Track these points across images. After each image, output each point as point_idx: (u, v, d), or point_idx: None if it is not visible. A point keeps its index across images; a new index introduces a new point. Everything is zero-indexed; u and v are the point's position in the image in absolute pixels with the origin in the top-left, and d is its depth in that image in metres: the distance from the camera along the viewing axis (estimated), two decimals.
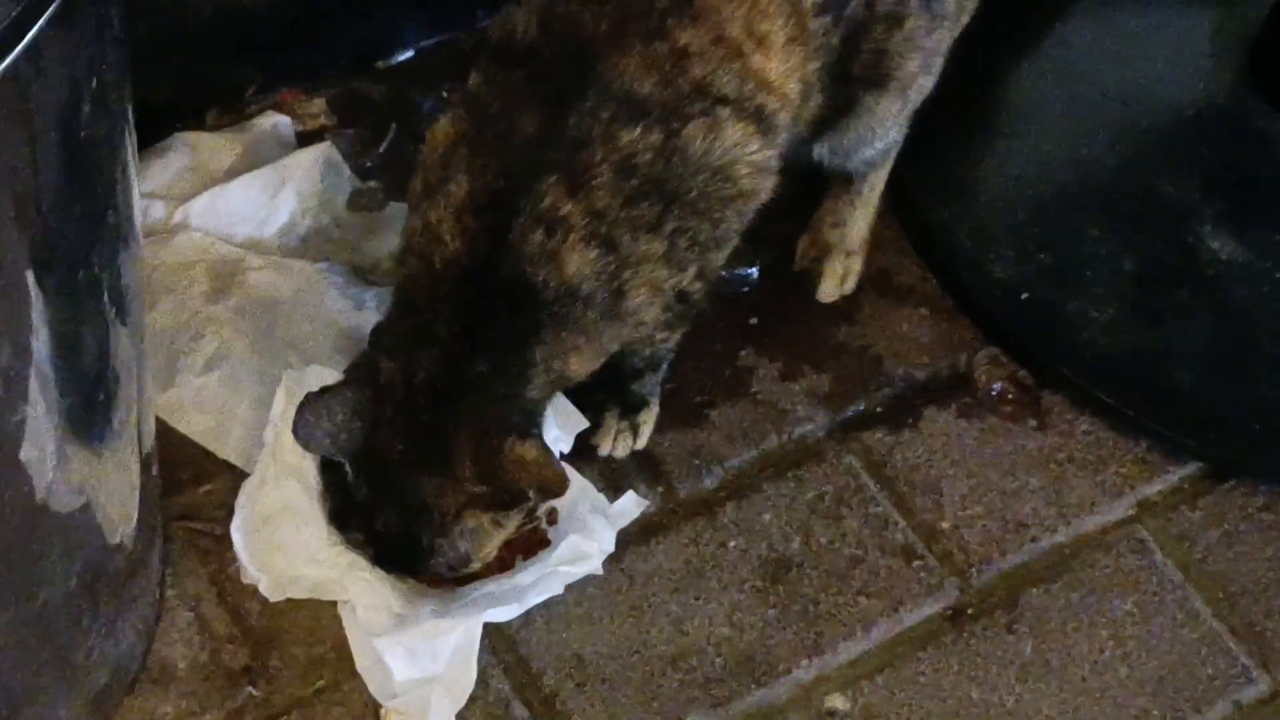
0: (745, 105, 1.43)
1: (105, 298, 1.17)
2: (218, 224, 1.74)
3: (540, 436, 1.48)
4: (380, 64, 1.92)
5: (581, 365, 1.46)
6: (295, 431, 1.46)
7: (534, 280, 1.39)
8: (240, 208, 1.75)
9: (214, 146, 1.80)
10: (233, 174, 1.77)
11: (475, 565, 1.51)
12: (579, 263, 1.39)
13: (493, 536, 1.48)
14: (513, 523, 1.49)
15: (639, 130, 1.39)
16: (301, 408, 1.46)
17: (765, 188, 1.48)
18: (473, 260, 1.40)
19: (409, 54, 1.93)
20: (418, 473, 1.44)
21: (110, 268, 1.16)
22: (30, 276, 1.07)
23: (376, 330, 1.50)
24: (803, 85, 1.47)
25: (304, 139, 1.83)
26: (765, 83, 1.44)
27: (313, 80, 1.88)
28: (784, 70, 1.45)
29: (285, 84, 1.87)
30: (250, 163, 1.79)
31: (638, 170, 1.39)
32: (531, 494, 1.44)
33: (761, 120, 1.44)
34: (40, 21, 0.92)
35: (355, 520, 1.52)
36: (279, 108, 1.85)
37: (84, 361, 1.19)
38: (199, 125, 1.82)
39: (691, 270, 1.47)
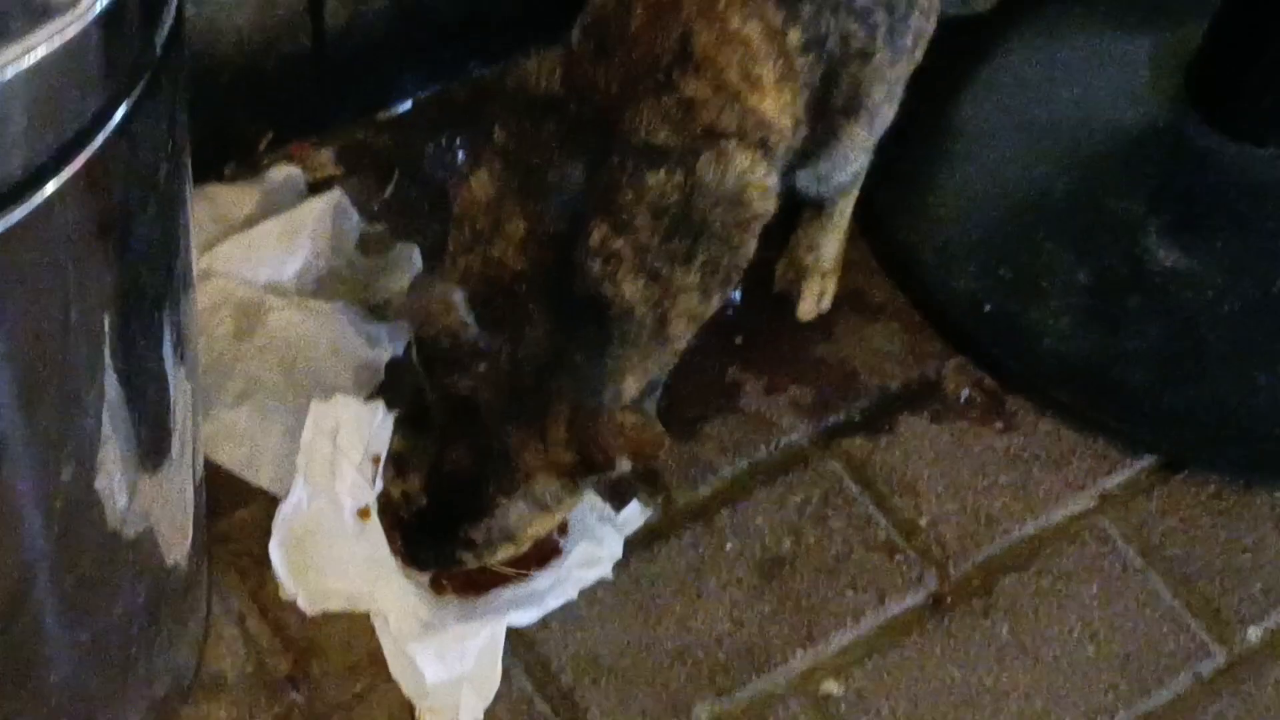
0: (748, 138, 1.49)
1: (169, 338, 1.21)
2: (240, 269, 1.75)
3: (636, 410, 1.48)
4: (381, 115, 1.93)
5: (633, 387, 1.50)
6: (412, 290, 1.51)
7: (606, 299, 1.45)
8: (260, 253, 1.76)
9: (232, 197, 1.82)
10: (251, 222, 1.78)
11: (509, 552, 1.51)
12: (632, 290, 1.45)
13: (541, 520, 1.49)
14: (569, 505, 1.50)
15: (663, 174, 1.45)
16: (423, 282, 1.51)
17: (770, 209, 1.53)
18: (544, 278, 1.45)
19: (407, 105, 1.94)
20: (506, 420, 1.44)
21: (174, 310, 1.20)
22: (108, 320, 1.11)
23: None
24: (793, 120, 1.53)
25: (314, 188, 1.84)
26: (762, 120, 1.50)
27: (320, 133, 1.89)
28: (778, 106, 1.50)
29: (295, 137, 1.89)
30: (266, 211, 1.80)
31: (668, 210, 1.46)
32: (620, 462, 1.43)
33: (764, 148, 1.50)
34: (133, 96, 0.97)
35: (420, 457, 1.48)
36: (290, 160, 1.86)
37: (150, 397, 1.23)
38: (217, 178, 1.84)
39: (715, 299, 1.53)
